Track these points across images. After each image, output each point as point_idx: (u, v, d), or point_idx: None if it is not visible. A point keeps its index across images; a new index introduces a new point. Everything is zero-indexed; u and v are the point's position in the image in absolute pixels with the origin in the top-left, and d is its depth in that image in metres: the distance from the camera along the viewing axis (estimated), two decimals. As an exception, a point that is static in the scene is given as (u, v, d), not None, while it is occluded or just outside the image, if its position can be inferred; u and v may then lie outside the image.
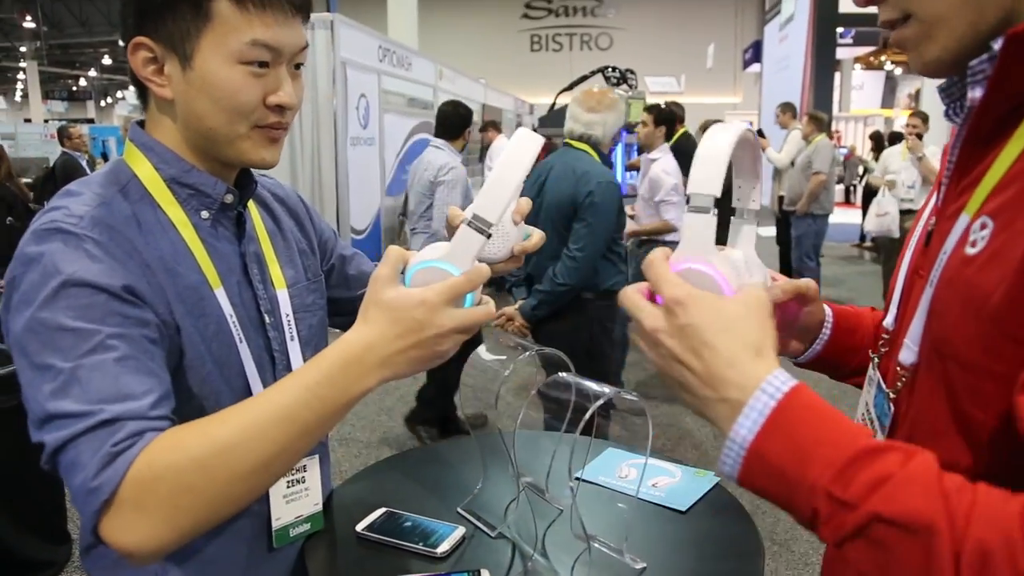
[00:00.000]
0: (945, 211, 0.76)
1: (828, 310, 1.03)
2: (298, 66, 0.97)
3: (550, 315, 3.07)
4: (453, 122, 4.35)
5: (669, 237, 4.80)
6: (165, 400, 0.82)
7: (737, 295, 0.70)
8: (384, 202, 7.37)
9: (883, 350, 0.88)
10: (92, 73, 28.96)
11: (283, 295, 1.08)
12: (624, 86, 6.38)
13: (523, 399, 1.09)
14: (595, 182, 2.97)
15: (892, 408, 0.81)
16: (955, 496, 0.54)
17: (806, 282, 0.97)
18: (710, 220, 0.72)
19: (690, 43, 20.78)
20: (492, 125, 8.31)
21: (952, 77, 0.74)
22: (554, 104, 6.65)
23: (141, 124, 1.01)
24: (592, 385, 1.01)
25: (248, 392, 0.99)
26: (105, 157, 10.72)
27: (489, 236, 0.83)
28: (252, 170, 1.07)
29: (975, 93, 0.69)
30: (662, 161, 4.92)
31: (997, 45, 0.66)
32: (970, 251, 0.67)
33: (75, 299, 0.80)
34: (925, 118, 6.38)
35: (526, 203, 0.99)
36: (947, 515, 0.53)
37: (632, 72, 6.55)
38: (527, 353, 1.06)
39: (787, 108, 8.08)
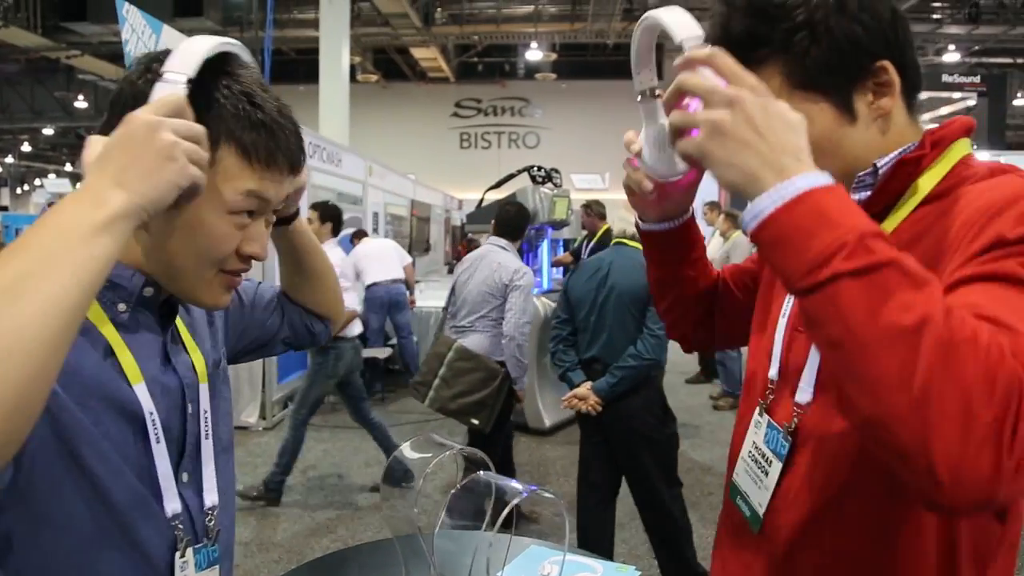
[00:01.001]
0: None
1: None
2: (276, 212, 0.98)
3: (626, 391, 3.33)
4: (518, 223, 4.34)
5: None
6: None
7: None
8: (311, 295, 7.31)
9: (770, 397, 1.03)
10: (9, 160, 28.31)
11: (204, 389, 1.02)
12: (550, 184, 6.57)
13: (445, 498, 1.10)
14: None
15: (789, 441, 0.96)
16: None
17: None
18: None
19: (614, 142, 21.34)
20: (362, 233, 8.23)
21: None
22: (482, 200, 6.81)
23: None
24: (511, 483, 1.04)
25: (158, 495, 0.92)
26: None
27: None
28: None
29: (859, 196, 0.92)
30: None
31: (881, 163, 0.91)
32: None
33: None
34: None
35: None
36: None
37: (557, 171, 6.77)
38: (448, 452, 1.08)
39: (714, 206, 8.42)
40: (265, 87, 0.94)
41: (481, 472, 1.09)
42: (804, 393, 0.97)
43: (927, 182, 0.91)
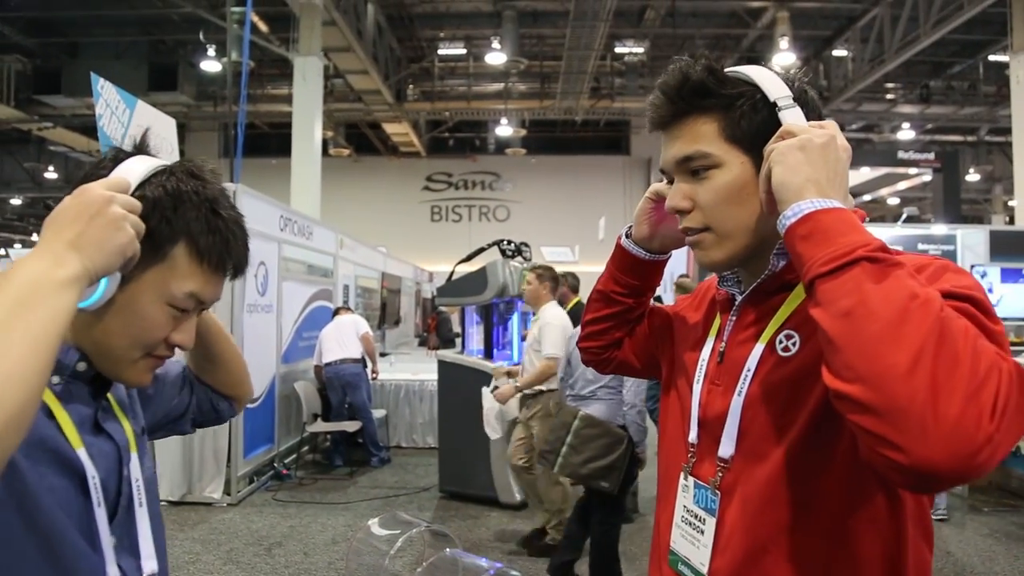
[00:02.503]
0: (736, 339, 1.09)
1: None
2: (202, 309, 1.02)
3: None
4: None
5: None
6: None
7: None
8: (279, 369, 7.26)
9: (692, 460, 1.11)
10: (-24, 231, 28.08)
11: (134, 458, 1.03)
12: (519, 258, 6.66)
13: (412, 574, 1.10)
14: None
15: (718, 495, 1.04)
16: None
17: None
18: None
19: (583, 216, 21.96)
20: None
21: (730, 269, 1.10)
22: (452, 273, 6.86)
23: None
24: (477, 561, 1.04)
25: (100, 556, 0.92)
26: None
27: None
28: None
29: (778, 261, 1.04)
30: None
31: None
32: (784, 354, 1.00)
33: None
34: None
35: None
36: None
37: (527, 245, 6.87)
38: (415, 529, 1.09)
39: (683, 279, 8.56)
40: (228, 199, 1.01)
41: (447, 549, 1.09)
42: (726, 447, 1.04)
43: None
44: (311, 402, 7.54)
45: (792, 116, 0.98)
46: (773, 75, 1.02)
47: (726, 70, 1.05)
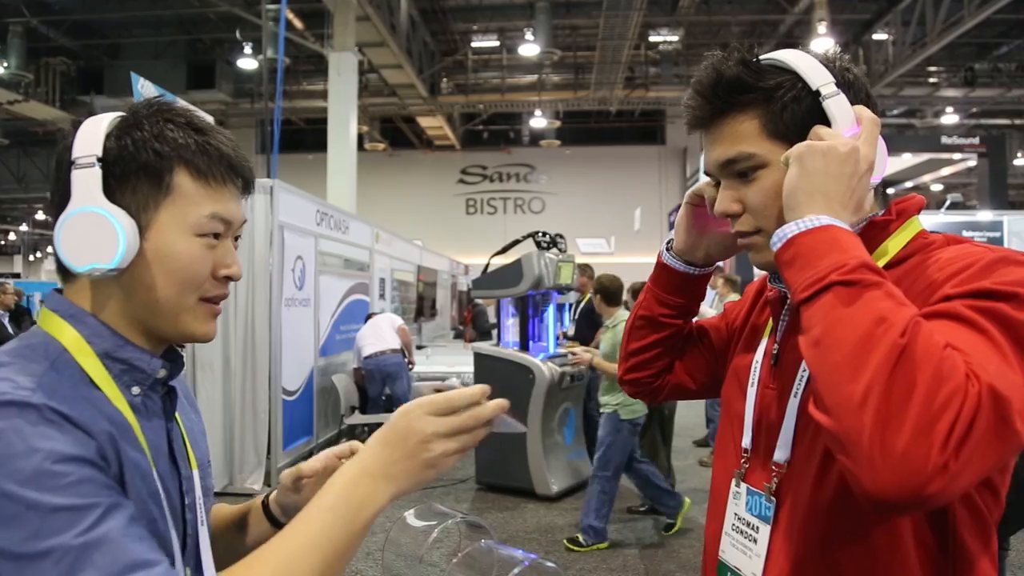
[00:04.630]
0: (790, 340, 1.03)
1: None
2: (236, 239, 0.99)
3: None
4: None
5: None
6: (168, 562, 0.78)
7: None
8: (317, 363, 7.34)
9: (745, 467, 1.07)
10: (24, 228, 28.74)
11: (196, 476, 1.02)
12: (554, 250, 6.64)
13: (447, 566, 1.10)
14: None
15: (774, 502, 1.00)
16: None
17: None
18: None
19: (618, 207, 21.90)
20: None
21: None
22: (487, 266, 6.86)
23: (59, 292, 0.94)
24: (512, 552, 1.04)
25: None
26: (29, 313, 10.47)
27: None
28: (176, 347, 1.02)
29: None
30: None
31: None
32: None
33: (60, 478, 0.74)
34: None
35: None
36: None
37: (561, 236, 6.84)
38: (451, 521, 1.09)
39: (718, 270, 8.54)
40: (201, 115, 0.97)
41: (483, 541, 1.09)
42: (782, 451, 1.00)
43: (894, 246, 0.99)
44: (349, 395, 7.63)
45: (836, 105, 0.93)
46: (812, 60, 0.96)
47: (761, 58, 0.99)
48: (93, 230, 0.86)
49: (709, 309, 8.04)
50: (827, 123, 0.95)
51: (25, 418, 0.75)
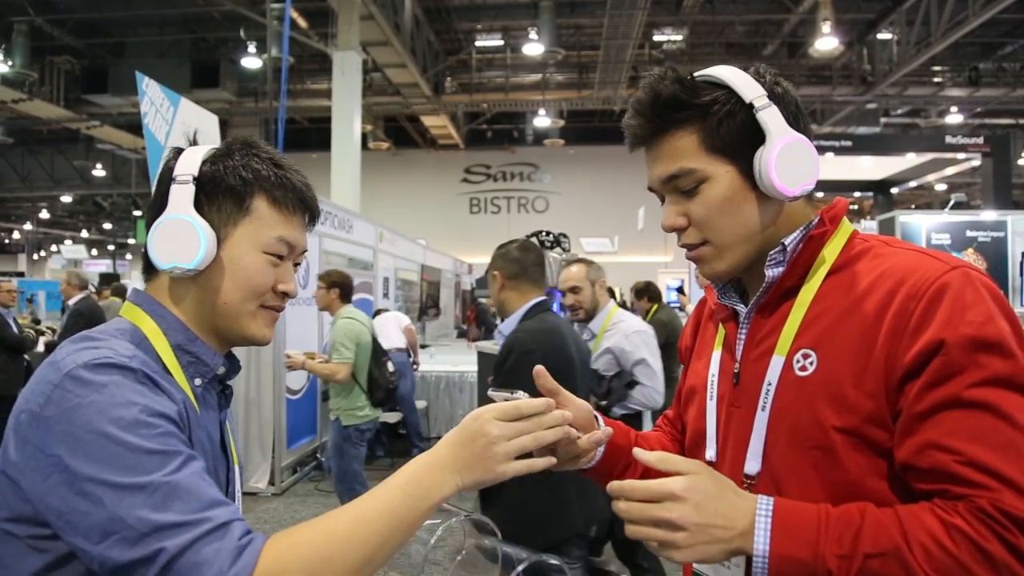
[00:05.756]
0: (750, 356, 1.08)
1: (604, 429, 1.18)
2: (296, 265, 1.14)
3: None
4: None
5: None
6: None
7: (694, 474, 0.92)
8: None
9: None
10: (28, 227, 28.80)
11: (238, 471, 1.16)
12: (558, 249, 6.64)
13: (452, 564, 1.11)
14: None
15: None
16: (905, 516, 0.86)
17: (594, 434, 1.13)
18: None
19: (622, 206, 21.83)
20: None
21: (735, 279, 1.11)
22: (491, 265, 6.86)
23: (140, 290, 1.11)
24: (516, 551, 1.05)
25: None
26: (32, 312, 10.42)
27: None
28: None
29: (774, 271, 1.04)
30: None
31: (788, 241, 1.04)
32: (801, 374, 0.99)
33: (152, 428, 0.88)
34: None
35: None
36: (903, 535, 0.84)
37: (565, 236, 6.86)
38: (455, 519, 1.09)
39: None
40: (284, 157, 1.13)
41: (487, 539, 1.10)
42: (752, 463, 1.04)
43: (830, 253, 1.04)
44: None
45: (769, 116, 0.98)
46: (743, 74, 1.01)
47: (696, 75, 1.04)
48: (180, 235, 1.01)
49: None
50: (761, 135, 0.99)
51: (126, 376, 0.90)
